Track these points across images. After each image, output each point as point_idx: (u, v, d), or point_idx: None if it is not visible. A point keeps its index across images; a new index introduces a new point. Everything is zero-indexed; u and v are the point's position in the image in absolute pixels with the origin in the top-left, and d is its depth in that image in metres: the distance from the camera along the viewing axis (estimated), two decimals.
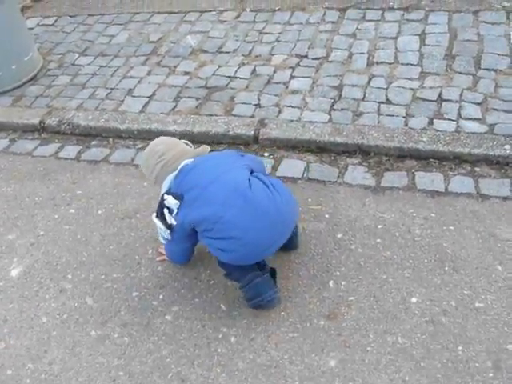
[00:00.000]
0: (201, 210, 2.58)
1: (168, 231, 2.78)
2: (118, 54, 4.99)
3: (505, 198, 3.20)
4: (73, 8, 5.90)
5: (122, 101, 4.38)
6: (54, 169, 3.99)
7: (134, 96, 4.41)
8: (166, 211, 2.70)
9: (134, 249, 3.26)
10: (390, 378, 2.46)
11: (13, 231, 3.53)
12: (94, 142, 4.19)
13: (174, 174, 2.70)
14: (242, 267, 2.69)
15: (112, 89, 4.54)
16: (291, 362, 2.57)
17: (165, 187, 2.73)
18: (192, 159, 2.75)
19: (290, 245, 2.95)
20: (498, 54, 4.10)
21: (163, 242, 2.95)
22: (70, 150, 4.15)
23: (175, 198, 2.64)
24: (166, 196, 2.68)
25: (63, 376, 2.69)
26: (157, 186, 2.88)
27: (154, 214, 2.81)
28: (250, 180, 2.61)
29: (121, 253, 3.26)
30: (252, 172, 2.73)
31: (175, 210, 2.66)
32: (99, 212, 3.57)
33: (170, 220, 2.71)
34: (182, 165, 2.72)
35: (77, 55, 5.09)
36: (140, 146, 4.04)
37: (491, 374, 2.42)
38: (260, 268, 2.74)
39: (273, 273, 2.81)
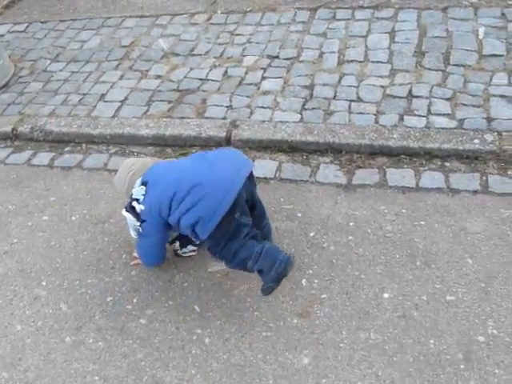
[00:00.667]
0: (163, 183, 2.72)
1: (138, 223, 2.82)
2: (90, 59, 4.97)
3: (475, 192, 3.24)
4: (44, 14, 5.87)
5: (95, 106, 4.37)
6: (27, 176, 3.98)
7: (106, 101, 4.40)
8: (134, 203, 2.78)
9: (107, 254, 3.26)
10: (363, 373, 2.48)
11: None
12: (66, 148, 4.18)
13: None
14: (244, 246, 2.66)
15: (84, 94, 4.53)
16: (265, 361, 2.59)
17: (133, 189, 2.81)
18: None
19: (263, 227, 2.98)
20: (467, 50, 4.14)
21: (134, 236, 2.97)
22: (43, 157, 4.14)
23: (141, 185, 2.77)
24: (133, 190, 2.80)
25: (38, 383, 2.68)
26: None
27: (124, 209, 2.86)
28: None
29: (95, 258, 3.26)
30: None
31: (142, 198, 2.75)
32: (73, 218, 3.56)
33: (139, 208, 2.76)
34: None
35: (48, 61, 5.07)
36: (113, 150, 4.04)
37: (462, 366, 2.45)
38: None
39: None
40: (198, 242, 2.99)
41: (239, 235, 2.66)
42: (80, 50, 5.14)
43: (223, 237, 2.65)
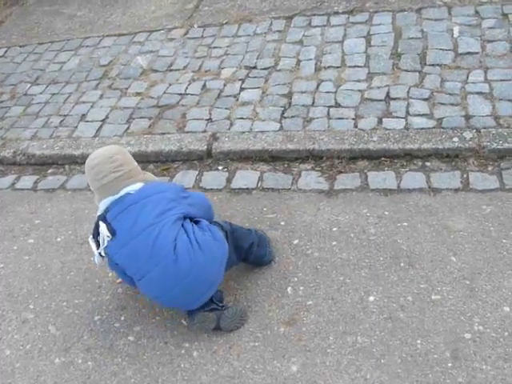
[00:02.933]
0: (127, 259, 2.68)
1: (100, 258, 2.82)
2: (70, 80, 4.98)
3: (456, 190, 3.27)
4: (22, 38, 5.89)
5: (76, 127, 4.38)
6: (11, 200, 3.98)
7: (87, 121, 4.41)
8: (100, 238, 2.73)
9: (94, 273, 3.25)
10: (352, 377, 2.48)
11: None
12: (50, 171, 4.19)
13: (115, 197, 2.69)
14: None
15: (65, 116, 4.54)
16: (253, 371, 2.59)
17: (102, 207, 2.73)
18: (136, 187, 2.72)
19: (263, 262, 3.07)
20: (442, 49, 4.18)
21: (97, 262, 2.87)
22: (27, 180, 4.14)
23: (109, 231, 2.66)
24: (101, 223, 2.70)
25: None
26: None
27: (91, 236, 2.81)
28: (176, 240, 2.61)
29: (81, 278, 3.26)
30: (184, 218, 2.72)
31: (105, 243, 2.69)
32: (58, 239, 3.56)
33: (102, 250, 2.74)
34: (124, 192, 2.70)
35: (29, 85, 5.08)
36: None
37: (450, 364, 2.46)
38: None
39: None
40: None
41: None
42: (59, 71, 5.16)
43: None
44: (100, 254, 2.75)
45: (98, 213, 2.75)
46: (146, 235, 2.61)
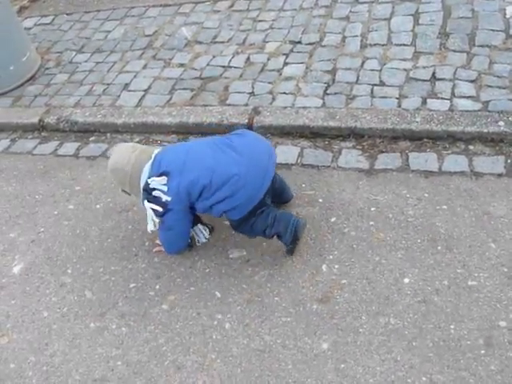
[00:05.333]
0: (192, 172, 2.74)
1: (159, 217, 2.86)
2: (114, 49, 5.02)
3: (499, 175, 3.19)
4: (69, 6, 5.94)
5: (119, 96, 4.42)
6: (53, 166, 4.05)
7: (130, 90, 4.44)
8: (157, 193, 2.78)
9: (131, 241, 3.30)
10: (382, 358, 2.48)
11: (14, 229, 3.59)
12: (92, 138, 4.24)
13: (150, 162, 2.82)
14: (259, 217, 2.85)
15: (108, 84, 4.58)
16: (284, 346, 2.60)
17: (144, 178, 2.79)
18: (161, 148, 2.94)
19: (286, 196, 3.21)
20: (493, 30, 4.05)
21: (150, 229, 2.98)
22: (69, 147, 4.21)
23: (161, 176, 2.76)
24: (149, 180, 2.78)
25: (64, 367, 2.75)
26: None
27: (145, 200, 2.86)
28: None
29: (118, 245, 3.31)
30: None
31: (165, 187, 2.76)
32: (97, 206, 3.61)
33: (165, 197, 2.78)
34: (154, 153, 2.88)
35: (74, 53, 5.14)
36: (137, 139, 4.08)
37: (483, 351, 2.43)
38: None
39: None
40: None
41: (257, 211, 2.83)
42: (104, 40, 5.20)
43: (248, 215, 2.82)
44: (164, 204, 2.80)
45: (142, 184, 2.83)
46: (194, 148, 2.88)
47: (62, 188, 3.83)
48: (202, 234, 3.12)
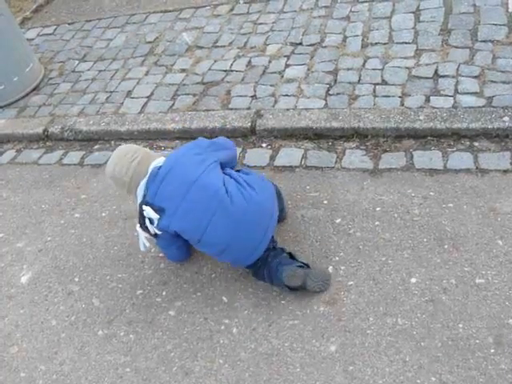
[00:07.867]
0: (183, 222, 2.67)
1: (154, 240, 2.91)
2: (116, 56, 5.04)
3: (505, 171, 3.16)
4: (71, 15, 5.98)
5: (122, 103, 4.43)
6: (58, 175, 4.07)
7: (132, 97, 4.45)
8: (147, 222, 2.76)
9: (137, 248, 3.26)
10: (391, 359, 2.46)
11: (22, 239, 3.61)
12: (96, 146, 4.25)
13: (145, 179, 2.72)
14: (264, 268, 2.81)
15: (111, 92, 4.60)
16: (292, 350, 2.59)
17: (140, 195, 2.75)
18: (161, 160, 2.77)
19: (279, 217, 3.03)
20: (495, 25, 4.02)
21: (143, 250, 2.99)
22: (74, 156, 4.22)
23: (155, 212, 2.69)
24: (144, 207, 2.72)
25: (73, 375, 2.76)
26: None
27: (138, 225, 2.85)
28: (224, 184, 2.66)
29: (125, 253, 3.31)
30: (223, 168, 2.80)
31: (156, 222, 2.72)
32: (103, 214, 3.62)
33: (154, 230, 2.78)
34: (151, 168, 2.74)
35: (77, 62, 5.16)
36: (141, 146, 4.06)
37: (492, 350, 2.41)
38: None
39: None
40: None
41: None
42: (106, 48, 5.22)
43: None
44: (155, 234, 2.81)
45: (138, 201, 2.78)
46: (194, 190, 2.63)
47: (67, 197, 3.84)
48: None
